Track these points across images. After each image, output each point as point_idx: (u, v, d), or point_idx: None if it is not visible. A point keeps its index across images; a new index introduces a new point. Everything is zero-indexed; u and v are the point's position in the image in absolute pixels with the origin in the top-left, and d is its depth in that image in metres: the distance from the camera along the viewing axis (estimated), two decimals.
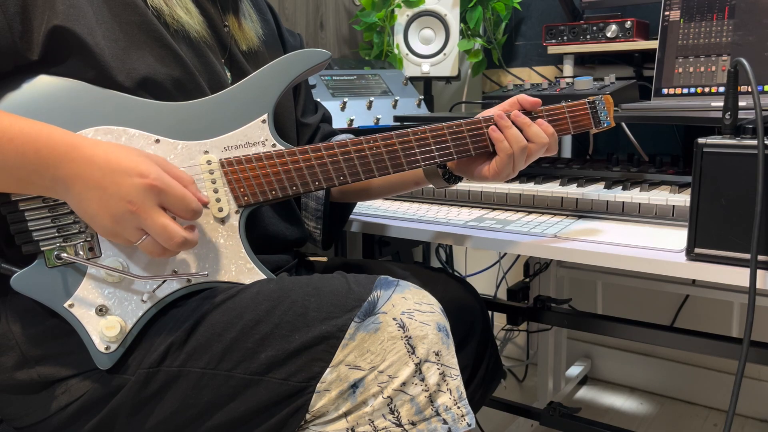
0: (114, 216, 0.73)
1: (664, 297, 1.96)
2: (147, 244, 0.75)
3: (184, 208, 0.76)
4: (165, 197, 0.74)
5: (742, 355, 0.82)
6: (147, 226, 0.74)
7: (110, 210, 0.73)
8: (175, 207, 0.75)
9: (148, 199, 0.73)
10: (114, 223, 0.74)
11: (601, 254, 0.94)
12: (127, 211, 0.73)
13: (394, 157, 0.91)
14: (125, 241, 0.76)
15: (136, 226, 0.74)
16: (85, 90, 0.82)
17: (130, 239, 0.75)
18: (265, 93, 0.89)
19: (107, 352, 0.81)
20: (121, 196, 0.73)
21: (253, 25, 1.04)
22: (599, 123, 0.99)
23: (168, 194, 0.74)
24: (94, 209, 0.74)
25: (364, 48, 2.03)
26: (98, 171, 0.73)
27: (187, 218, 0.77)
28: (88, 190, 0.73)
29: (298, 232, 1.07)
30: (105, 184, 0.73)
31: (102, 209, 0.73)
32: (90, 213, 0.74)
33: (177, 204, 0.75)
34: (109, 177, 0.73)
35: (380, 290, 0.83)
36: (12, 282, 0.80)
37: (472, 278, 2.23)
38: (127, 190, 0.73)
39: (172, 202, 0.75)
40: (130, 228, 0.74)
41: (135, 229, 0.74)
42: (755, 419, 1.89)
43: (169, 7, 0.88)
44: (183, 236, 0.75)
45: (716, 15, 1.33)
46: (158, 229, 0.74)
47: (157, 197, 0.74)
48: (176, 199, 0.75)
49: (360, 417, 0.79)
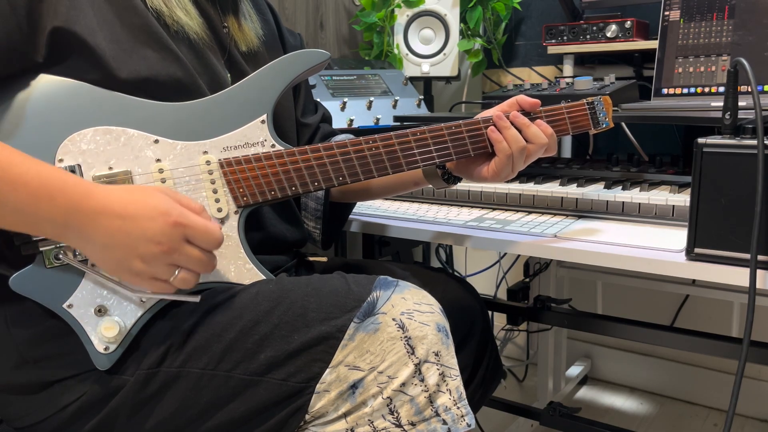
0: (143, 258, 0.74)
1: (664, 297, 1.96)
2: (182, 277, 0.76)
3: (209, 241, 0.76)
4: (191, 232, 0.75)
5: (742, 355, 0.82)
6: (181, 262, 0.75)
7: (138, 253, 0.73)
8: (201, 241, 0.76)
9: (177, 237, 0.74)
10: (143, 265, 0.74)
11: (601, 254, 0.94)
12: (159, 252, 0.74)
13: (393, 158, 0.91)
14: (154, 280, 0.76)
15: (168, 264, 0.75)
16: (84, 90, 0.82)
17: (162, 277, 0.76)
18: (264, 93, 0.89)
19: (106, 353, 0.81)
20: (149, 239, 0.73)
21: (253, 25, 1.04)
22: (598, 124, 0.99)
23: (193, 228, 0.75)
24: (121, 255, 0.74)
25: (364, 48, 2.03)
26: (118, 219, 0.73)
27: (212, 248, 0.77)
28: (111, 238, 0.73)
29: (298, 233, 1.07)
30: (128, 230, 0.73)
31: (129, 254, 0.74)
32: (116, 260, 0.74)
33: (202, 237, 0.76)
34: (130, 223, 0.73)
35: (380, 290, 0.83)
36: (11, 282, 0.80)
37: (472, 278, 2.23)
38: (153, 232, 0.73)
39: (198, 236, 0.75)
40: (162, 267, 0.75)
41: (167, 267, 0.75)
42: (755, 419, 1.89)
43: (168, 8, 0.88)
44: (215, 261, 0.78)
45: (716, 15, 1.33)
46: (194, 262, 0.76)
47: (183, 233, 0.74)
48: (201, 233, 0.76)
49: (359, 417, 0.79)
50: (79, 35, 0.80)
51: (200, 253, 0.76)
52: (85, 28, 0.81)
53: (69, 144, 0.81)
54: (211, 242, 0.77)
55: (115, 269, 0.76)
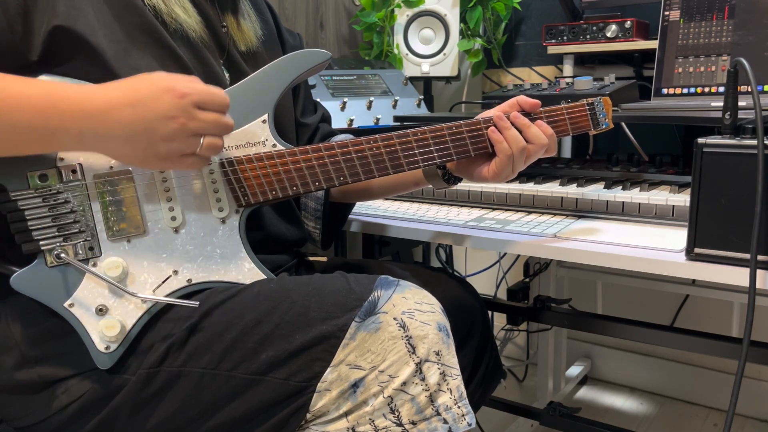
0: (165, 137, 0.74)
1: (664, 297, 1.96)
2: (208, 143, 0.77)
3: (217, 101, 0.77)
4: (197, 98, 0.75)
5: (742, 355, 0.82)
6: (201, 129, 0.76)
7: (159, 135, 0.74)
8: (209, 103, 0.76)
9: (188, 106, 0.74)
10: (169, 144, 0.75)
11: (601, 254, 0.94)
12: (178, 126, 0.74)
13: (394, 158, 0.91)
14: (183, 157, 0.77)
15: (190, 135, 0.75)
16: None
17: (189, 150, 0.76)
18: (265, 93, 0.89)
19: (107, 352, 0.81)
20: (163, 116, 0.73)
21: (252, 25, 1.04)
22: (598, 124, 0.99)
23: (199, 94, 0.75)
24: (142, 143, 0.74)
25: (364, 48, 2.03)
26: (127, 108, 0.73)
27: (223, 109, 0.78)
28: (128, 127, 0.73)
29: (298, 233, 1.07)
30: (141, 115, 0.73)
31: (152, 138, 0.74)
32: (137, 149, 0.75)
33: (211, 99, 0.76)
34: (140, 108, 0.73)
35: (381, 290, 0.83)
36: (12, 281, 0.80)
37: (472, 278, 2.23)
38: (165, 108, 0.73)
39: (207, 99, 0.76)
40: (186, 139, 0.75)
41: (190, 138, 0.76)
42: (755, 419, 1.89)
43: (167, 5, 0.89)
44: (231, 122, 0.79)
45: (716, 15, 1.33)
46: (213, 124, 0.76)
47: (192, 102, 0.75)
48: (208, 96, 0.76)
49: (360, 416, 0.79)
50: (79, 34, 0.80)
51: (215, 115, 0.77)
52: (86, 27, 0.81)
53: None
54: (219, 102, 0.77)
55: (144, 159, 0.76)
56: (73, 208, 0.81)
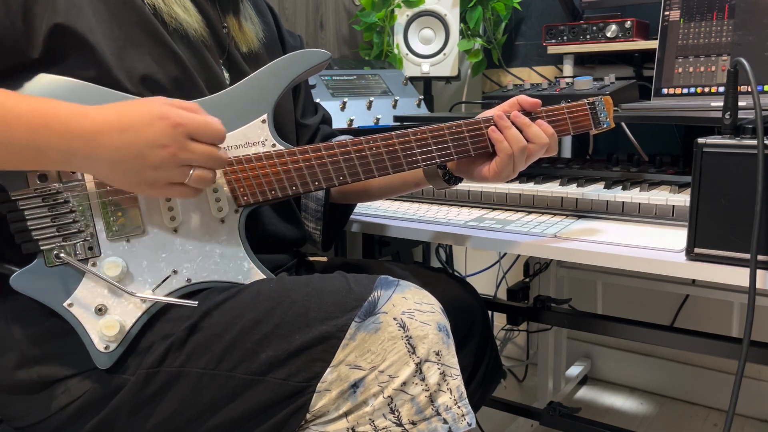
0: (154, 165, 0.73)
1: (664, 297, 1.96)
2: (197, 175, 0.76)
3: (212, 133, 0.76)
4: (192, 129, 0.75)
5: (742, 355, 0.82)
6: (191, 160, 0.75)
7: (148, 162, 0.73)
8: (203, 135, 0.76)
9: (180, 135, 0.74)
10: (157, 172, 0.74)
11: (601, 254, 0.94)
12: (168, 155, 0.73)
13: (394, 158, 0.91)
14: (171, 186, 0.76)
15: (179, 165, 0.75)
16: (85, 89, 0.82)
17: (177, 180, 0.75)
18: (265, 93, 0.89)
19: (107, 352, 0.81)
20: (153, 144, 0.73)
21: (253, 27, 1.04)
22: (599, 124, 0.99)
23: (193, 125, 0.75)
24: (130, 168, 0.74)
25: (364, 48, 2.03)
26: (117, 133, 0.73)
27: (217, 141, 0.77)
28: (116, 152, 0.73)
29: (298, 232, 1.07)
30: (131, 140, 0.72)
31: (138, 165, 0.73)
32: (125, 175, 0.74)
33: (205, 132, 0.76)
34: (131, 134, 0.73)
35: (380, 290, 0.83)
36: (11, 281, 0.80)
37: (472, 278, 2.23)
38: (155, 136, 0.73)
39: (200, 131, 0.75)
40: (174, 169, 0.74)
41: (179, 169, 0.75)
42: (755, 419, 1.89)
43: (167, 5, 0.88)
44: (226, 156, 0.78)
45: (716, 15, 1.33)
46: (204, 157, 0.75)
47: (185, 132, 0.74)
48: (203, 128, 0.75)
49: (360, 417, 0.79)
50: (79, 32, 0.80)
51: (208, 147, 0.76)
52: (85, 25, 0.81)
53: None
54: (214, 135, 0.76)
55: (130, 184, 0.76)
56: (73, 208, 0.81)
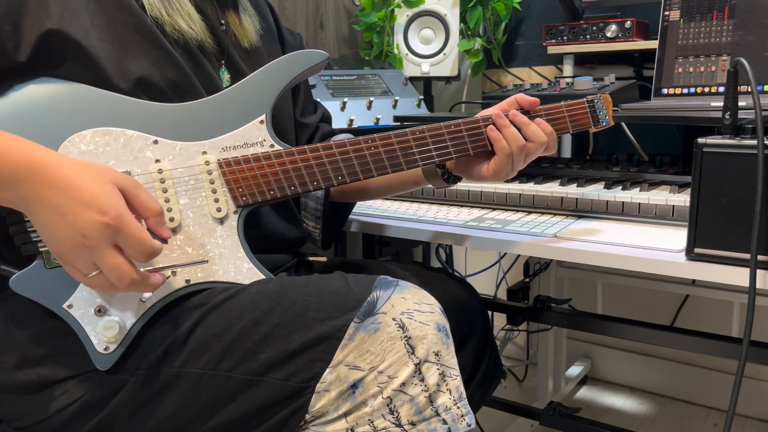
0: (72, 243, 0.71)
1: (664, 297, 1.96)
2: (96, 280, 0.73)
3: (140, 251, 0.73)
4: (121, 237, 0.72)
5: (742, 355, 0.82)
6: (100, 263, 0.72)
7: (67, 236, 0.71)
8: (130, 248, 0.72)
9: (103, 237, 0.71)
10: (69, 251, 0.72)
11: (601, 254, 0.94)
12: (82, 245, 0.71)
13: (393, 157, 0.91)
14: (76, 271, 0.74)
15: (90, 260, 0.72)
16: (83, 92, 0.82)
17: (82, 270, 0.73)
18: (263, 93, 0.89)
19: (106, 353, 0.81)
20: (77, 229, 0.70)
21: (251, 20, 1.04)
22: (598, 122, 0.99)
23: (124, 235, 0.71)
24: (53, 233, 0.72)
25: (364, 48, 2.03)
26: (60, 196, 0.71)
27: (141, 261, 0.74)
28: (49, 214, 0.71)
29: (297, 232, 1.07)
30: (64, 212, 0.71)
31: (60, 235, 0.71)
32: (49, 235, 0.72)
33: (132, 246, 0.72)
34: (69, 205, 0.71)
35: (380, 290, 0.83)
36: (11, 283, 0.80)
37: (472, 278, 2.23)
38: (83, 223, 0.70)
39: (128, 243, 0.72)
40: (84, 260, 0.72)
41: (88, 262, 0.73)
42: (755, 419, 1.89)
43: (170, 16, 0.88)
44: (132, 278, 0.73)
45: (716, 15, 1.33)
46: (109, 267, 0.72)
47: (112, 237, 0.71)
48: (132, 241, 0.72)
49: (360, 417, 0.79)
50: (72, 37, 0.80)
51: (122, 262, 0.72)
52: (79, 29, 0.80)
53: (68, 145, 0.81)
54: (141, 252, 0.73)
55: (47, 243, 0.74)
56: None
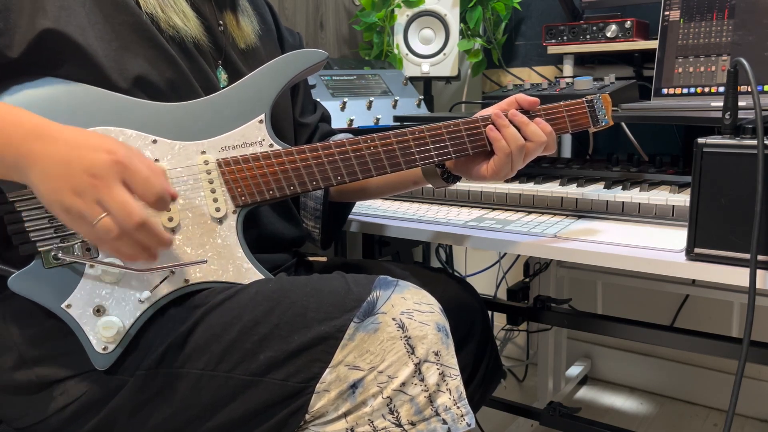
0: (75, 189, 0.70)
1: (664, 297, 1.95)
2: (105, 222, 0.70)
3: (148, 190, 0.71)
4: (129, 175, 0.71)
5: (742, 355, 0.81)
6: (106, 201, 0.70)
7: (71, 183, 0.70)
8: (139, 187, 0.71)
9: (112, 174, 0.70)
10: (74, 197, 0.70)
11: (601, 254, 0.94)
12: (89, 185, 0.69)
13: (392, 157, 0.91)
14: (81, 218, 0.71)
15: (96, 199, 0.70)
16: (83, 91, 0.82)
17: (87, 214, 0.70)
18: (262, 93, 0.89)
19: (105, 353, 0.81)
20: (85, 169, 0.70)
21: (250, 21, 1.04)
22: (597, 122, 0.99)
23: (133, 173, 0.71)
24: (55, 184, 0.70)
25: (364, 48, 2.03)
26: (65, 146, 0.71)
27: (150, 201, 0.72)
28: (53, 165, 0.70)
29: (296, 231, 1.07)
30: (70, 158, 0.70)
31: (63, 182, 0.70)
32: (50, 188, 0.71)
33: (141, 184, 0.71)
34: (75, 151, 0.70)
35: (379, 290, 0.83)
36: (9, 283, 0.80)
37: (472, 278, 2.23)
38: (91, 162, 0.70)
39: (137, 181, 0.71)
40: (89, 201, 0.70)
41: (93, 203, 0.70)
42: (755, 419, 1.89)
43: (164, 13, 0.88)
44: (142, 217, 0.70)
45: (716, 15, 1.33)
46: (117, 204, 0.70)
47: (120, 174, 0.70)
48: (141, 180, 0.71)
49: (359, 417, 0.79)
50: (69, 36, 0.80)
51: (129, 198, 0.70)
52: (75, 28, 0.80)
53: None
54: (150, 192, 0.71)
55: (48, 200, 0.72)
56: None
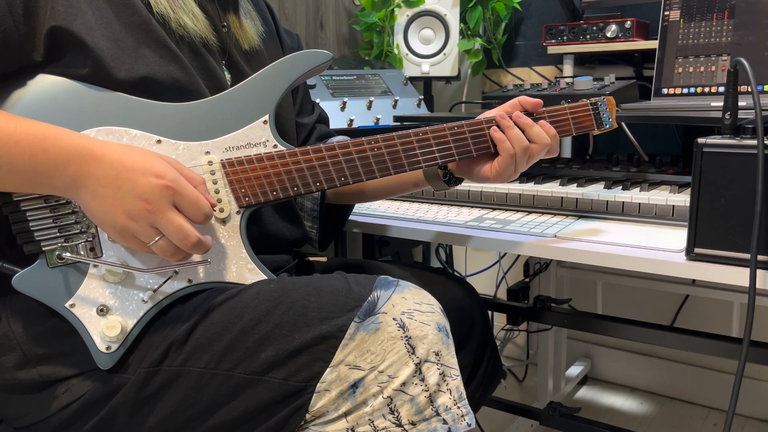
0: (128, 213, 0.73)
1: (664, 297, 1.96)
2: (161, 244, 0.75)
3: (197, 212, 0.76)
4: (179, 199, 0.75)
5: (742, 355, 0.82)
6: (162, 226, 0.74)
7: (124, 207, 0.73)
8: (189, 210, 0.76)
9: (164, 199, 0.74)
10: (127, 220, 0.74)
11: (601, 254, 0.94)
12: (143, 210, 0.73)
13: (396, 158, 0.91)
14: (136, 240, 0.76)
15: (151, 225, 0.74)
16: (87, 91, 0.82)
17: (143, 238, 0.75)
18: (266, 94, 0.89)
19: (108, 352, 0.81)
20: (136, 194, 0.73)
21: (253, 23, 1.04)
22: (601, 124, 0.99)
23: (182, 196, 0.75)
24: (108, 206, 0.74)
25: (364, 48, 2.03)
26: (112, 170, 0.73)
27: (198, 221, 0.77)
28: (102, 188, 0.73)
29: (298, 232, 1.07)
30: (119, 183, 0.73)
31: (116, 207, 0.73)
32: (102, 210, 0.74)
33: (190, 207, 0.76)
34: (123, 175, 0.73)
35: (380, 290, 0.83)
36: (13, 282, 0.80)
37: (472, 278, 2.23)
38: (142, 188, 0.73)
39: (186, 204, 0.75)
40: (144, 226, 0.74)
41: (149, 228, 0.74)
42: (755, 419, 1.89)
43: (175, 13, 0.88)
44: (197, 237, 0.76)
45: (716, 15, 1.33)
46: (174, 228, 0.74)
47: (171, 198, 0.74)
48: (190, 202, 0.75)
49: (360, 417, 0.79)
50: (76, 34, 0.80)
51: (183, 222, 0.75)
52: (83, 26, 0.81)
53: None
54: (198, 213, 0.76)
55: (100, 221, 0.76)
56: (75, 209, 0.81)
